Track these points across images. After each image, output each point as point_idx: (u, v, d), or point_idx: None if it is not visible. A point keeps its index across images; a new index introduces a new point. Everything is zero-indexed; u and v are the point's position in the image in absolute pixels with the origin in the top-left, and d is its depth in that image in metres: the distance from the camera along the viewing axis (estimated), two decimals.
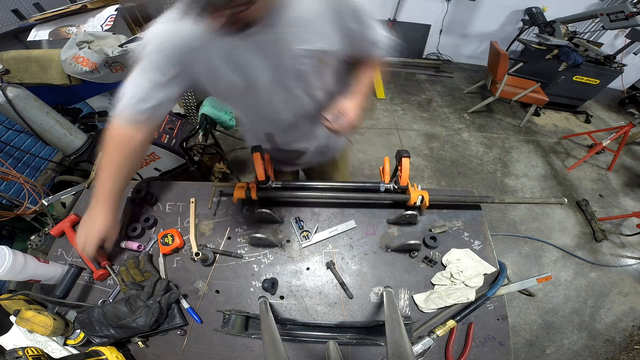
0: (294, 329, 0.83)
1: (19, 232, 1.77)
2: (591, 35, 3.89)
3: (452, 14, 4.03)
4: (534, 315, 2.00)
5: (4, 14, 2.03)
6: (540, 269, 2.24)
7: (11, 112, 1.62)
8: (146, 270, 0.89)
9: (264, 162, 0.95)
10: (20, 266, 0.77)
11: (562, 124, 3.68)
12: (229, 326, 0.81)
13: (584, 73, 3.33)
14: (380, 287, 0.88)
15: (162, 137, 1.83)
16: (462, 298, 0.82)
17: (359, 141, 3.13)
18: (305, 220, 1.00)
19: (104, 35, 1.76)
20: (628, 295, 2.13)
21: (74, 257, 0.97)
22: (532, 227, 2.48)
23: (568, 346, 1.88)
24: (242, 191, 0.95)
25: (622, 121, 3.25)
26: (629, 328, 1.97)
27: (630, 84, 4.33)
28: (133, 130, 0.77)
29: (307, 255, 0.95)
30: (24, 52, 1.74)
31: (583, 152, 3.25)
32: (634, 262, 2.31)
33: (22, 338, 0.77)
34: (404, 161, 0.90)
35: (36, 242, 1.36)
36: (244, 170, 2.87)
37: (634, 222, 2.47)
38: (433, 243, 0.91)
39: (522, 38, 3.82)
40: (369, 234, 0.97)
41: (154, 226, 1.02)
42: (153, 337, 0.83)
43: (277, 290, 0.89)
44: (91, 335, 0.78)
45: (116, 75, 1.76)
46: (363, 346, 0.81)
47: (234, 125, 2.10)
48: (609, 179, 2.99)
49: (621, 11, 2.74)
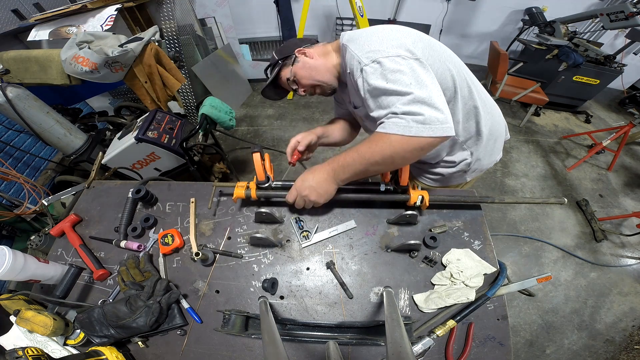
0: (294, 329, 0.83)
1: (19, 232, 1.77)
2: (591, 35, 3.89)
3: (452, 14, 4.03)
4: (534, 315, 2.00)
5: (4, 14, 2.03)
6: (540, 269, 2.24)
7: (11, 112, 1.62)
8: (146, 270, 0.89)
9: (264, 162, 0.95)
10: (20, 266, 0.77)
11: (562, 124, 3.68)
12: (229, 326, 0.81)
13: (584, 73, 3.33)
14: (380, 287, 0.88)
15: (162, 137, 1.83)
16: (462, 298, 0.82)
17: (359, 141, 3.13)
18: (305, 220, 1.00)
19: (104, 35, 1.76)
20: (628, 295, 2.12)
21: (74, 257, 0.97)
22: (532, 227, 2.48)
23: (568, 346, 1.88)
24: (242, 191, 0.95)
25: (622, 121, 3.25)
26: (629, 328, 1.97)
27: (630, 84, 4.32)
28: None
29: (307, 255, 0.95)
30: (24, 52, 1.74)
31: (583, 152, 3.25)
32: (634, 262, 2.31)
33: (22, 338, 0.77)
34: None
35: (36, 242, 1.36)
36: (244, 170, 2.87)
37: (634, 222, 2.47)
38: (433, 243, 0.91)
39: (522, 38, 3.82)
40: (369, 234, 0.97)
41: (154, 226, 1.02)
42: (153, 337, 0.83)
43: (277, 290, 0.89)
44: (91, 335, 0.78)
45: (116, 75, 1.76)
46: (363, 346, 0.81)
47: (233, 125, 2.10)
48: (609, 179, 2.98)
49: (621, 11, 2.73)
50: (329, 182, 0.85)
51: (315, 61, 0.99)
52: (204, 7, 3.40)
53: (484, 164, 1.13)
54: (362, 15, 3.12)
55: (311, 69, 0.98)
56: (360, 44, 0.82)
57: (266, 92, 1.10)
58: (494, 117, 1.04)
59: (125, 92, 2.95)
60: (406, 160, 0.77)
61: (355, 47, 0.82)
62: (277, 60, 1.03)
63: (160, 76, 1.89)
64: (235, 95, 3.71)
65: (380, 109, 0.78)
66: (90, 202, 1.10)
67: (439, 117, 0.70)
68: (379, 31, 0.85)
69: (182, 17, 2.95)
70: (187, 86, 2.80)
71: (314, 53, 1.00)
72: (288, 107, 3.69)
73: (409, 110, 0.70)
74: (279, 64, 1.03)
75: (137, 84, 1.85)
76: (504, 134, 1.13)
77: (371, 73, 0.77)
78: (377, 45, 0.79)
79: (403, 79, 0.73)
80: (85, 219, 1.05)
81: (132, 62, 1.73)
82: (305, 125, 3.37)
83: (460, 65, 0.94)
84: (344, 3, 3.44)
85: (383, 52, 0.77)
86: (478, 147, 1.05)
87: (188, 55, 2.90)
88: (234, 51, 3.64)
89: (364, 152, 0.78)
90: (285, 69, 1.02)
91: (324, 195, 0.87)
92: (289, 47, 1.03)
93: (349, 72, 0.86)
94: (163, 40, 2.27)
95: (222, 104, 2.03)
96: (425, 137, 0.69)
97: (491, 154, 1.11)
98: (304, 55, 1.00)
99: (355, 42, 0.84)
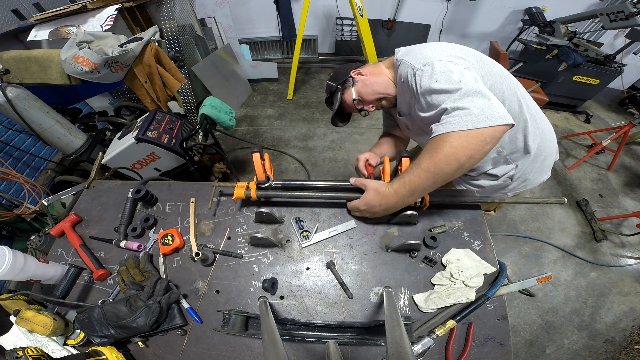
0: (294, 329, 0.83)
1: (19, 232, 1.77)
2: (591, 35, 3.89)
3: (452, 14, 4.03)
4: (534, 315, 2.00)
5: (4, 14, 2.03)
6: (540, 269, 2.24)
7: (11, 112, 1.62)
8: (146, 270, 0.89)
9: (264, 162, 0.95)
10: (20, 266, 0.77)
11: (562, 124, 3.68)
12: (229, 326, 0.81)
13: (584, 73, 3.33)
14: (380, 287, 0.88)
15: (162, 137, 1.83)
16: (462, 298, 0.82)
17: (359, 141, 3.14)
18: (305, 220, 1.00)
19: (104, 35, 1.76)
20: (628, 295, 2.12)
21: (74, 257, 0.97)
22: (532, 227, 2.48)
23: (568, 346, 1.88)
24: (242, 191, 0.95)
25: (622, 121, 3.24)
26: (629, 328, 1.97)
27: (630, 84, 4.32)
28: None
29: (307, 255, 0.95)
30: (24, 52, 1.74)
31: (583, 152, 3.25)
32: (634, 262, 2.30)
33: (22, 338, 0.77)
34: (404, 161, 0.90)
35: (36, 242, 1.36)
36: (244, 170, 2.87)
37: (634, 222, 2.47)
38: (433, 243, 0.91)
39: (522, 38, 3.81)
40: (369, 234, 0.97)
41: (154, 226, 1.02)
42: (153, 337, 0.83)
43: (277, 290, 0.89)
44: (91, 335, 0.78)
45: (116, 75, 1.76)
46: (363, 346, 0.81)
47: (233, 125, 2.10)
48: (609, 179, 2.98)
49: (621, 11, 2.73)
50: (397, 207, 0.87)
51: (373, 77, 1.04)
52: (204, 7, 3.40)
53: (530, 180, 1.11)
54: (362, 15, 3.11)
55: (373, 84, 1.03)
56: (414, 55, 0.87)
57: (334, 120, 1.16)
58: (544, 134, 1.03)
59: (125, 92, 2.95)
60: (473, 158, 0.70)
61: (409, 58, 0.87)
62: (336, 87, 1.07)
63: (160, 76, 1.89)
64: (235, 95, 3.71)
65: (432, 109, 0.79)
66: (90, 202, 1.10)
67: (493, 105, 0.69)
68: (432, 45, 0.90)
69: (182, 17, 2.95)
70: (187, 86, 2.80)
71: (368, 71, 1.05)
72: (288, 107, 3.69)
73: (460, 106, 0.70)
74: (338, 89, 1.07)
75: (137, 84, 1.85)
76: (554, 153, 1.11)
77: (423, 76, 0.80)
78: (430, 53, 0.83)
79: (452, 77, 0.74)
80: (85, 219, 1.05)
81: (132, 62, 1.73)
82: (305, 125, 3.37)
83: (511, 79, 0.96)
84: (344, 3, 3.44)
85: (435, 57, 0.81)
86: (525, 161, 1.04)
87: (188, 55, 2.90)
88: (234, 51, 3.64)
89: (427, 165, 0.73)
90: (347, 91, 1.07)
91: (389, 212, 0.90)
92: (343, 72, 1.08)
93: (403, 80, 0.90)
94: (163, 40, 2.27)
95: (222, 104, 2.03)
96: (484, 127, 0.67)
97: (538, 171, 1.10)
98: (360, 75, 1.05)
99: (409, 55, 0.89)
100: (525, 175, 1.09)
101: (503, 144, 1.00)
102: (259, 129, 3.35)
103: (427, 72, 0.79)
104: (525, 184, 1.12)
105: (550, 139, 1.07)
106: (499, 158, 1.05)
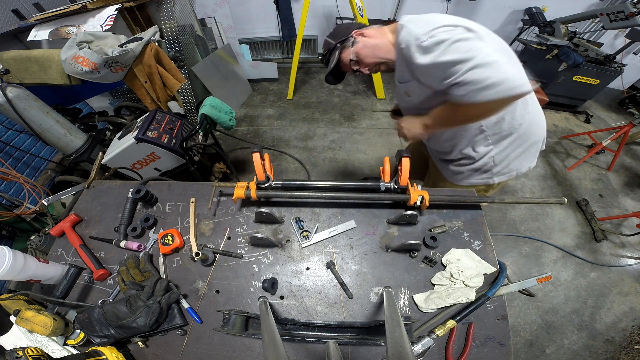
0: (294, 329, 0.83)
1: (19, 232, 1.77)
2: (591, 35, 3.89)
3: (452, 14, 4.02)
4: (534, 315, 2.00)
5: (4, 14, 2.03)
6: (540, 269, 2.24)
7: (11, 112, 1.62)
8: (146, 270, 0.89)
9: (264, 162, 0.95)
10: (20, 266, 0.77)
11: (562, 124, 3.68)
12: (229, 326, 0.81)
13: (584, 73, 3.33)
14: (380, 287, 0.88)
15: (162, 137, 1.83)
16: (462, 298, 0.82)
17: (359, 141, 3.14)
18: (305, 220, 1.00)
19: (104, 35, 1.76)
20: (628, 295, 2.12)
21: (74, 257, 0.97)
22: (532, 227, 2.48)
23: (568, 346, 1.88)
24: (242, 191, 0.95)
25: (622, 121, 3.24)
26: (629, 328, 1.97)
27: (630, 84, 4.32)
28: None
29: (307, 255, 0.95)
30: (24, 52, 1.74)
31: (583, 152, 3.25)
32: (634, 262, 2.30)
33: (22, 338, 0.77)
34: (404, 161, 0.90)
35: (36, 242, 1.36)
36: (244, 170, 2.87)
37: (634, 222, 2.47)
38: (433, 243, 0.91)
39: (522, 38, 3.81)
40: (369, 234, 0.97)
41: (154, 226, 1.02)
42: (153, 337, 0.83)
43: (277, 290, 0.89)
44: (91, 335, 0.78)
45: (116, 75, 1.76)
46: (363, 346, 0.81)
47: (233, 125, 2.10)
48: (609, 179, 2.98)
49: (621, 11, 2.73)
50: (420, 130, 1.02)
51: (376, 40, 1.00)
52: (204, 7, 3.40)
53: (513, 165, 1.10)
54: (362, 15, 3.12)
55: (374, 47, 1.00)
56: (419, 23, 0.84)
57: (328, 78, 1.13)
58: (533, 119, 1.02)
59: (125, 92, 2.95)
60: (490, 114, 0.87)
61: (413, 26, 0.84)
62: (335, 44, 1.04)
63: (160, 76, 1.89)
64: (235, 95, 3.70)
65: (444, 79, 0.79)
66: (90, 202, 1.10)
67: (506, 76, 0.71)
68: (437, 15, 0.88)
69: (182, 17, 2.95)
70: (187, 86, 2.80)
71: (371, 33, 1.02)
72: (288, 107, 3.69)
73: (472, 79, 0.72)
74: (337, 48, 1.04)
75: (137, 84, 1.85)
76: (540, 142, 1.11)
77: (431, 45, 0.78)
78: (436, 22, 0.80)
79: (462, 46, 0.74)
80: (85, 219, 1.05)
81: (132, 62, 1.73)
82: (305, 125, 3.37)
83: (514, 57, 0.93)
84: (344, 3, 3.45)
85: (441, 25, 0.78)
86: (505, 144, 1.03)
87: (188, 55, 2.90)
88: (234, 51, 3.64)
89: (447, 117, 0.91)
90: (346, 51, 1.04)
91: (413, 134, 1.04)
92: (344, 30, 1.05)
93: (404, 47, 0.87)
94: (163, 40, 2.27)
95: (222, 104, 2.03)
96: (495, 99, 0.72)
97: (523, 157, 1.09)
98: (362, 36, 1.02)
99: (414, 22, 0.86)
100: (508, 159, 1.08)
101: (488, 124, 0.99)
102: (259, 129, 3.35)
103: (434, 43, 0.77)
104: (509, 168, 1.11)
105: (538, 125, 1.06)
106: (479, 137, 1.04)
